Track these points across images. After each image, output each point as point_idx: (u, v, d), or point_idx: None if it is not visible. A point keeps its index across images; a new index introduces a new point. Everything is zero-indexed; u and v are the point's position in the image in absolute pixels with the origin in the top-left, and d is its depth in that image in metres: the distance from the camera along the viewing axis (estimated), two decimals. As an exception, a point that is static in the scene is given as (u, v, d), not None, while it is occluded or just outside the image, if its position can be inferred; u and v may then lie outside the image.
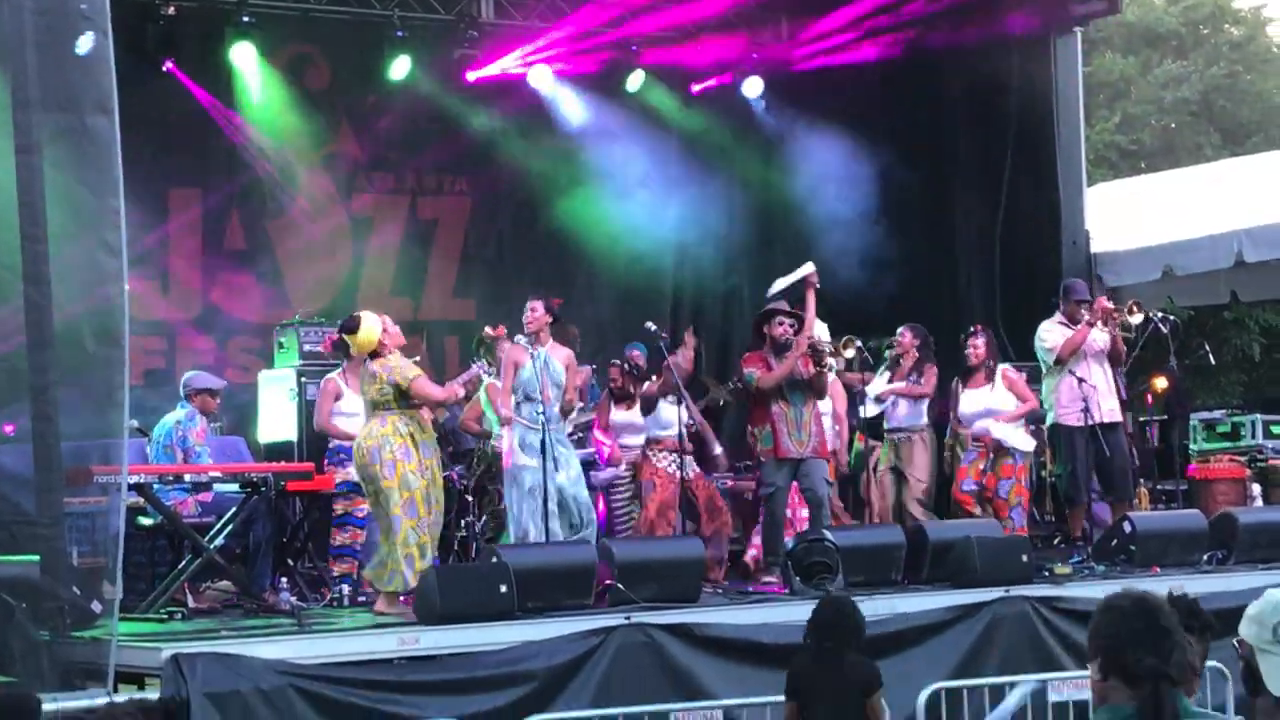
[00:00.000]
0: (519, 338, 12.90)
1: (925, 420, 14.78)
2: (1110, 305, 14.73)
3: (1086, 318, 14.38)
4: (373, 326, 11.64)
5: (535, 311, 12.68)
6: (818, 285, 13.83)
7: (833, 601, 9.20)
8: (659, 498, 13.89)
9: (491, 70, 17.79)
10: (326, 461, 13.39)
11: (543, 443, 12.26)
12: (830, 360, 13.81)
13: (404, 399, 11.46)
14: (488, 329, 14.09)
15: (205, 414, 13.26)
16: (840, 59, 18.27)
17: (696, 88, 19.05)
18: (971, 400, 14.47)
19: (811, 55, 18.68)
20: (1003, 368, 14.57)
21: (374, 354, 11.57)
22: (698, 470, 14.24)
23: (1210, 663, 10.72)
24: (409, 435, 11.41)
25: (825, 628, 8.78)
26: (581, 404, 13.75)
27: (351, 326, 11.70)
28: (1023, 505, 14.29)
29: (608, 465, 14.06)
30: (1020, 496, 14.27)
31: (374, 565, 11.56)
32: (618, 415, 14.21)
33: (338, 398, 13.35)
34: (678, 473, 13.76)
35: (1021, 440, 14.30)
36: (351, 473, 12.42)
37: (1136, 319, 14.61)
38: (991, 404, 14.37)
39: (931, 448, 14.71)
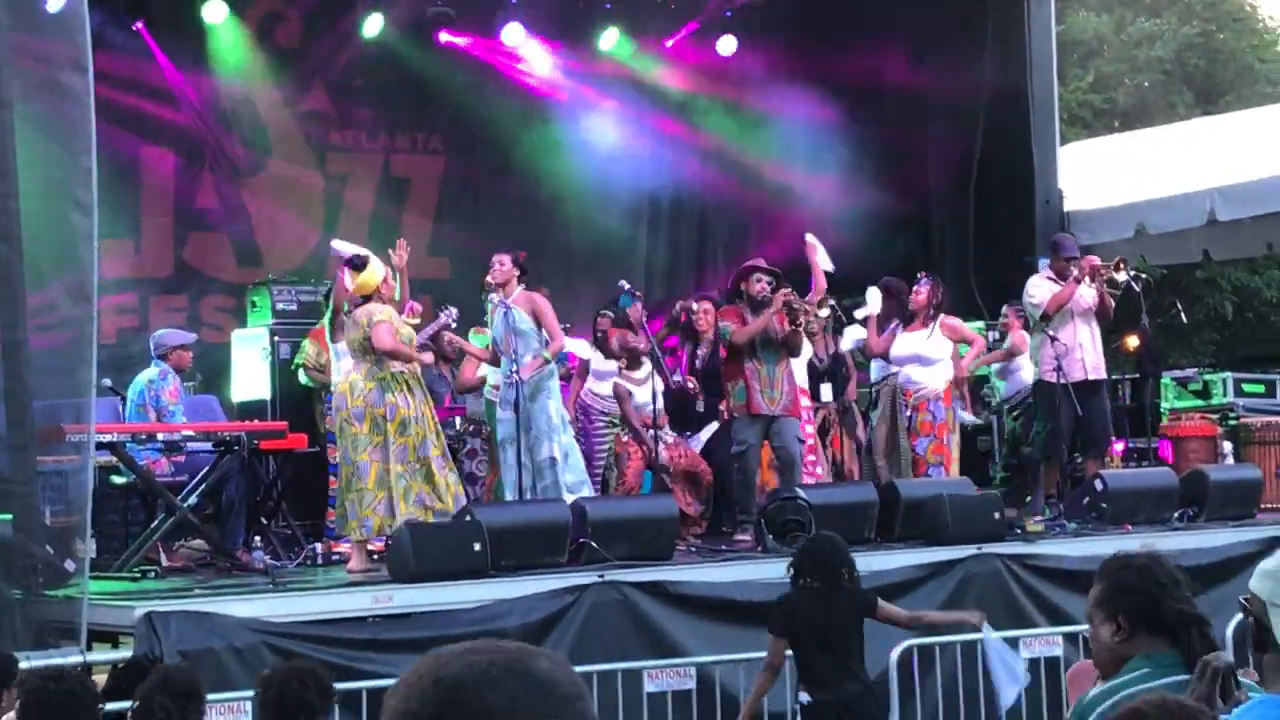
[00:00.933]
0: (493, 296, 12.91)
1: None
2: (1098, 262, 14.77)
3: (1074, 274, 14.39)
4: (377, 270, 11.71)
5: (503, 265, 12.71)
6: (819, 247, 14.03)
7: (819, 539, 9.22)
8: (634, 466, 13.90)
9: (466, 28, 17.74)
10: (325, 407, 13.39)
11: (515, 401, 12.30)
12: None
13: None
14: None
15: (180, 370, 13.23)
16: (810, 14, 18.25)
17: (669, 43, 18.99)
18: (903, 344, 14.43)
19: (784, 12, 18.68)
20: (942, 317, 14.49)
21: (366, 298, 11.60)
22: (674, 438, 14.18)
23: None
24: (404, 381, 11.42)
25: (814, 565, 8.77)
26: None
27: (360, 263, 11.74)
28: (944, 466, 14.18)
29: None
30: (940, 455, 14.16)
31: (340, 518, 11.57)
32: (602, 364, 14.27)
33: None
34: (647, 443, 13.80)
35: (938, 384, 14.30)
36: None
37: (1122, 276, 14.63)
38: (923, 350, 14.28)
39: (887, 403, 14.75)
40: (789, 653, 8.84)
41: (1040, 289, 14.52)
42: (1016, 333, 15.44)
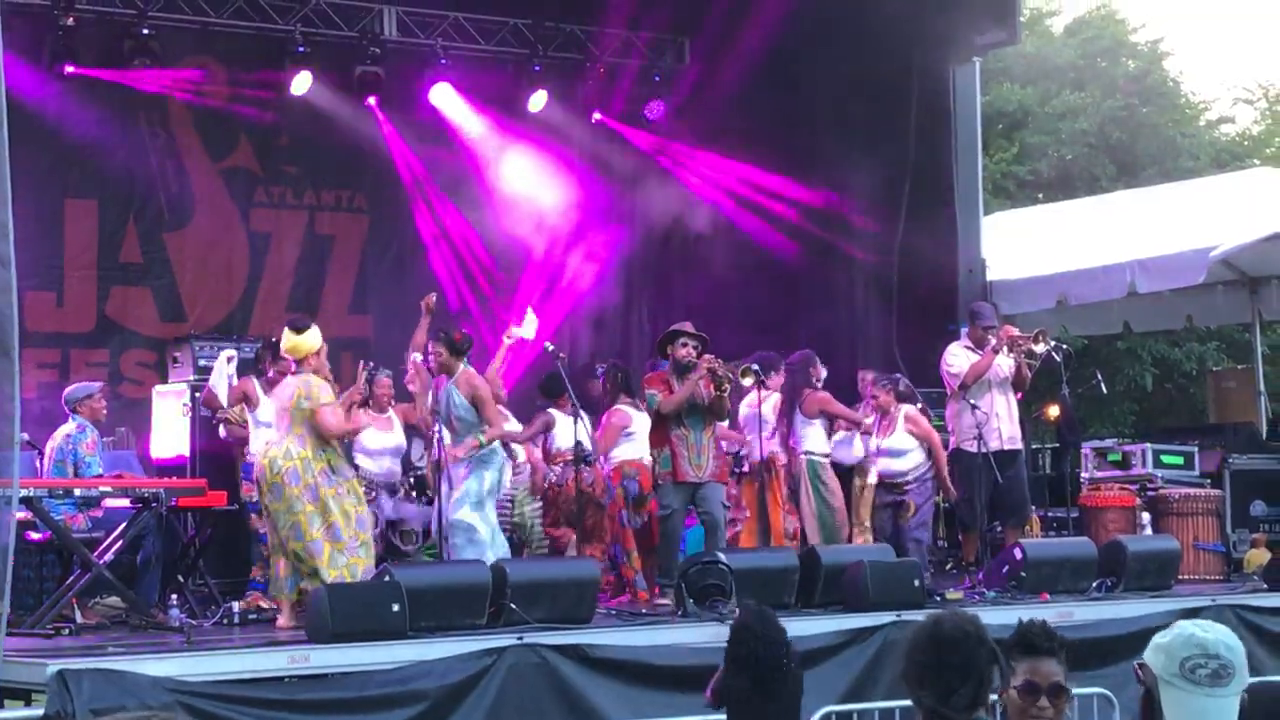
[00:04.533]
0: (416, 356, 12.90)
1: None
2: (1016, 333, 14.84)
3: (992, 343, 14.46)
4: (317, 339, 11.78)
5: (439, 355, 12.68)
6: None
7: (751, 629, 9.05)
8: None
9: (393, 87, 17.75)
10: (242, 477, 13.31)
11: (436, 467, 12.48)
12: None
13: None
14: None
15: (96, 421, 13.11)
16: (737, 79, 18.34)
17: (597, 116, 19.07)
18: None
19: (711, 77, 18.78)
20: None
21: (299, 362, 11.70)
22: None
23: (1095, 689, 10.86)
24: (327, 460, 11.46)
25: (756, 645, 8.64)
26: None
27: (301, 325, 11.84)
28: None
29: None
30: None
31: (289, 590, 11.58)
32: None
33: (251, 402, 13.25)
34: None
35: None
36: None
37: (1041, 348, 14.70)
38: None
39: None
40: None
41: (958, 358, 14.59)
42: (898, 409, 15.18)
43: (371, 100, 17.66)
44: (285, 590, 11.57)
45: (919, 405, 15.18)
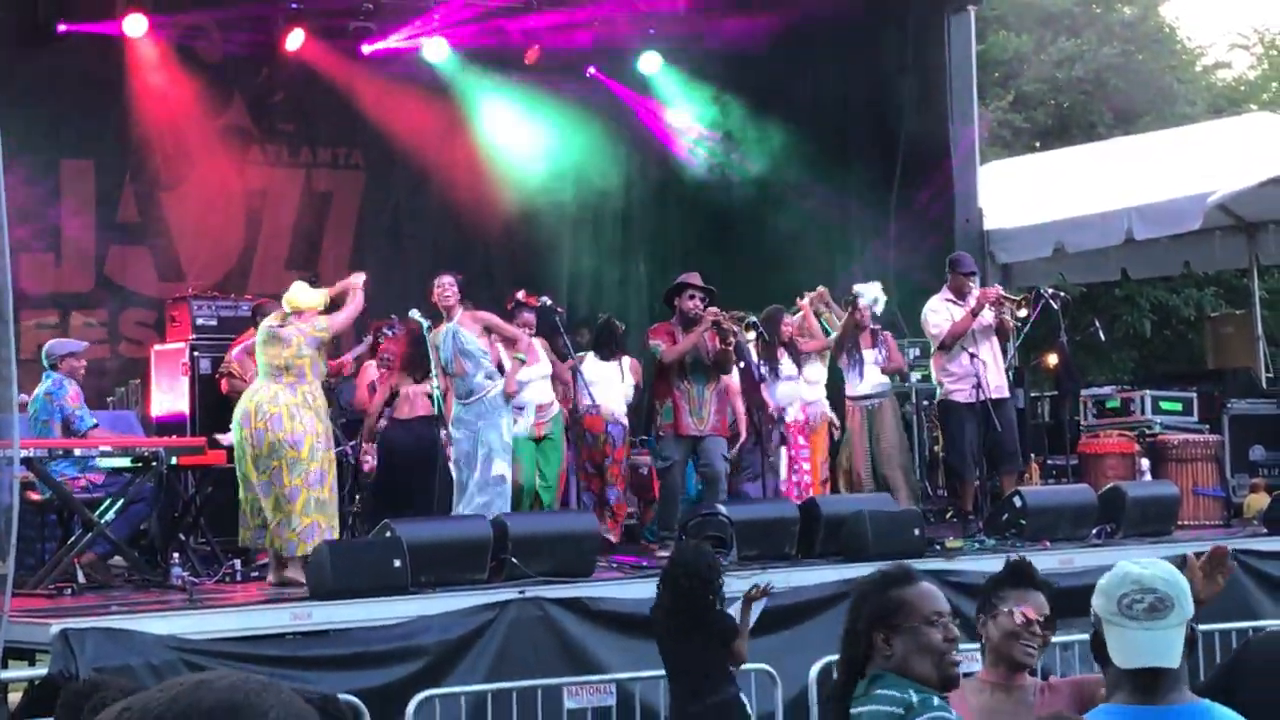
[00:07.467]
0: (414, 312, 12.90)
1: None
2: (999, 292, 14.80)
3: (972, 303, 14.36)
4: (318, 301, 11.75)
5: (451, 287, 12.68)
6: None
7: (686, 549, 9.20)
8: None
9: (387, 43, 17.73)
10: None
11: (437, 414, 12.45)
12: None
13: (313, 368, 11.50)
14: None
15: (74, 379, 12.99)
16: (734, 29, 18.32)
17: (592, 70, 19.03)
18: None
19: (707, 28, 18.75)
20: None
21: (295, 314, 11.67)
22: None
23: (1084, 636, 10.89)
24: (316, 408, 11.42)
25: (677, 575, 8.77)
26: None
27: (315, 284, 11.91)
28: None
29: None
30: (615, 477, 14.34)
31: (271, 533, 11.50)
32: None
33: None
34: None
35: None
36: None
37: (1024, 313, 14.68)
38: None
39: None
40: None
41: (939, 315, 14.46)
42: None
43: (365, 55, 17.63)
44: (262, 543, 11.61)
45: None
